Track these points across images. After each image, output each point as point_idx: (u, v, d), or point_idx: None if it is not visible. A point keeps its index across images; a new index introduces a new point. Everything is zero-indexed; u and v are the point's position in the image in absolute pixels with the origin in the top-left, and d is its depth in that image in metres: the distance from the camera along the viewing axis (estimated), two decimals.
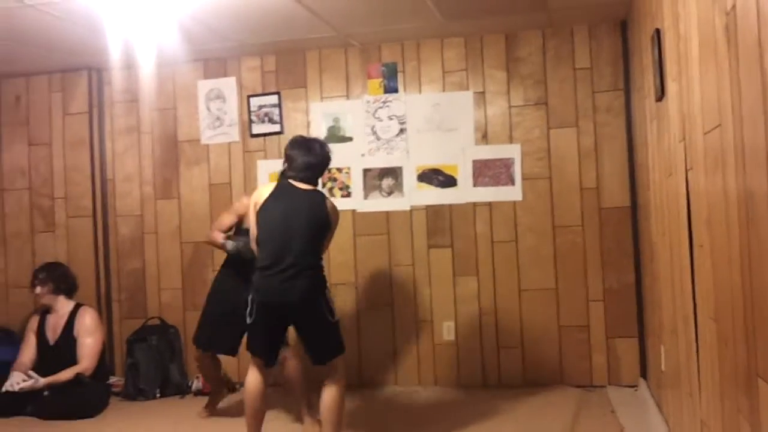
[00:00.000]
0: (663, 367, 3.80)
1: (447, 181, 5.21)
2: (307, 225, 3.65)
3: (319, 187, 3.89)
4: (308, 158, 3.76)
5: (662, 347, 3.82)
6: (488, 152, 5.16)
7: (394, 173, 5.28)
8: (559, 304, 5.06)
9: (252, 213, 3.77)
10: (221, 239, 4.47)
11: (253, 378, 3.73)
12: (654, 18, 3.53)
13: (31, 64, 5.51)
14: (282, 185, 3.76)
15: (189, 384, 5.35)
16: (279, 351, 3.84)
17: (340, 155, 5.25)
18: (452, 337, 5.20)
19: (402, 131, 5.28)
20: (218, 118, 5.57)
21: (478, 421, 4.30)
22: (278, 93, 5.47)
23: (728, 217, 2.13)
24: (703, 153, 2.47)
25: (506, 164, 5.13)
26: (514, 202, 5.12)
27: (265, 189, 3.80)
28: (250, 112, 5.50)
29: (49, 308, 5.16)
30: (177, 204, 5.64)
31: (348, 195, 5.33)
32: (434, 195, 5.22)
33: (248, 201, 3.94)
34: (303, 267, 3.60)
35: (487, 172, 5.15)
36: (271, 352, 3.76)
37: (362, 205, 5.31)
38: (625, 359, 4.95)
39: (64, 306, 5.15)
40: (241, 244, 4.27)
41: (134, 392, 5.24)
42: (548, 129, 5.09)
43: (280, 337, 3.82)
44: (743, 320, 2.01)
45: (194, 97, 5.61)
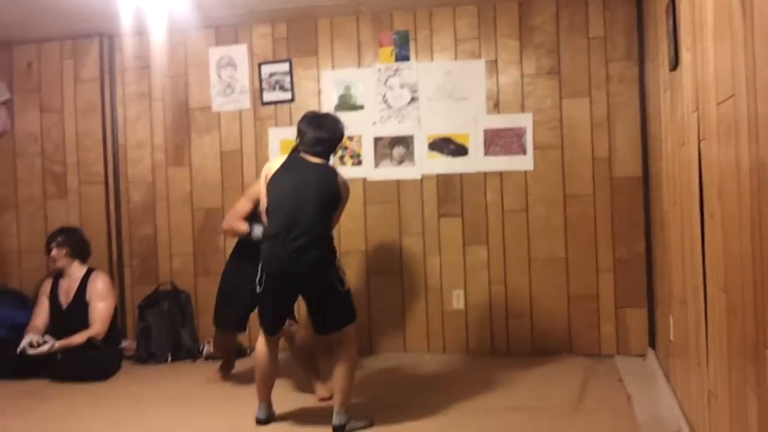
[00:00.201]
0: (672, 337, 3.82)
1: (458, 150, 5.19)
2: (317, 197, 3.65)
3: (331, 162, 3.88)
4: (319, 133, 3.74)
5: (671, 317, 3.84)
6: (500, 121, 5.13)
7: (405, 142, 5.27)
8: (569, 274, 5.07)
9: (263, 184, 3.77)
10: (245, 226, 4.25)
11: (263, 345, 3.79)
12: None
13: (43, 31, 5.50)
14: (293, 158, 3.76)
15: (200, 348, 5.41)
16: (284, 321, 3.85)
17: (351, 124, 5.21)
18: (462, 306, 5.22)
19: (413, 100, 5.26)
20: (229, 86, 5.56)
21: (487, 389, 4.33)
22: (289, 61, 5.45)
23: (740, 188, 2.13)
24: (716, 123, 2.46)
25: (518, 133, 5.11)
26: (525, 172, 5.11)
27: (276, 161, 3.81)
28: (261, 80, 5.49)
29: (62, 272, 5.21)
30: (188, 171, 5.65)
31: (359, 163, 5.33)
32: (445, 164, 5.22)
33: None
34: (313, 237, 3.60)
35: (499, 142, 5.13)
36: (276, 322, 3.79)
37: (373, 174, 5.31)
38: (634, 329, 4.96)
39: (77, 270, 5.20)
40: (266, 230, 4.13)
41: (146, 356, 5.32)
42: (560, 98, 5.06)
43: (288, 308, 3.85)
44: (753, 291, 2.02)
45: (205, 64, 5.59)
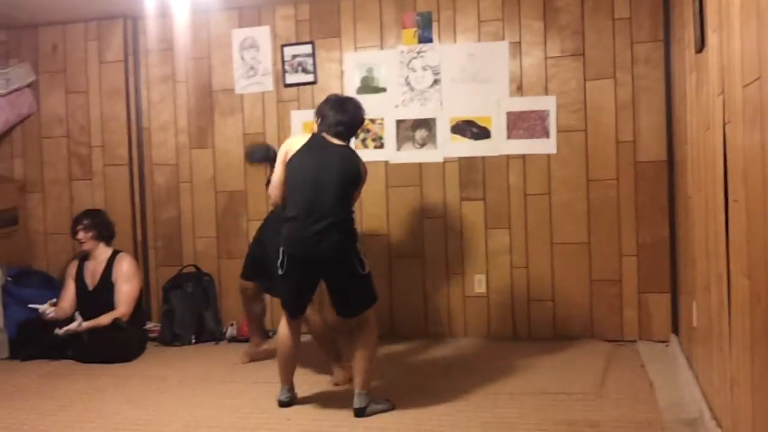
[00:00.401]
0: (695, 323, 3.78)
1: (481, 133, 5.16)
2: (339, 179, 3.64)
3: (351, 145, 3.87)
4: (340, 116, 3.74)
5: (694, 303, 3.80)
6: (523, 104, 5.09)
7: (428, 125, 5.25)
8: (592, 259, 5.03)
9: (281, 160, 3.77)
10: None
11: (285, 327, 3.81)
12: None
13: (68, 13, 5.53)
14: (315, 138, 3.76)
15: (223, 331, 5.46)
16: (306, 304, 3.85)
17: (374, 106, 5.22)
18: (483, 290, 5.21)
19: (436, 82, 5.23)
20: (252, 68, 5.56)
21: (508, 374, 4.32)
22: (312, 42, 5.43)
23: (765, 172, 2.09)
24: (742, 106, 2.42)
25: (541, 116, 5.07)
26: (548, 155, 5.07)
27: (298, 139, 3.80)
28: (284, 62, 5.48)
29: (88, 254, 5.27)
30: (211, 153, 5.67)
31: (381, 146, 5.32)
32: (467, 147, 5.18)
33: None
34: (335, 220, 3.60)
35: (522, 125, 5.09)
36: (298, 305, 3.79)
37: (395, 157, 5.29)
38: (657, 314, 4.92)
39: (103, 252, 5.26)
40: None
41: (170, 338, 5.37)
42: (585, 81, 5.00)
43: (310, 291, 3.83)
44: None
45: (228, 46, 5.60)
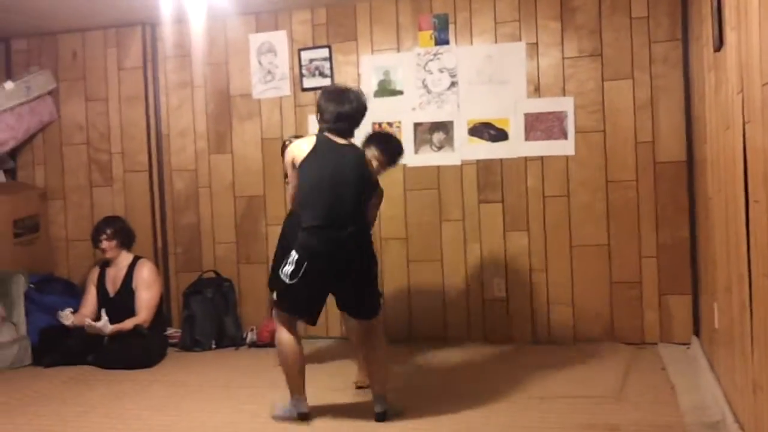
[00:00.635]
0: (716, 325, 3.74)
1: (498, 135, 5.14)
2: (355, 184, 3.60)
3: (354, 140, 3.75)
4: (341, 108, 3.59)
5: (715, 305, 3.76)
6: (540, 105, 5.06)
7: (445, 127, 5.24)
8: (611, 261, 4.99)
9: (291, 167, 3.64)
10: None
11: (287, 337, 3.68)
12: None
13: (87, 20, 5.58)
14: (321, 141, 3.60)
15: (243, 336, 5.46)
16: (321, 310, 3.76)
17: (391, 109, 5.24)
18: (503, 293, 5.18)
19: (453, 84, 5.22)
20: (269, 72, 5.58)
21: (528, 377, 4.29)
22: (329, 46, 5.44)
23: None
24: (761, 105, 2.39)
25: (559, 117, 5.04)
26: (567, 157, 5.04)
27: (302, 143, 3.65)
28: (301, 66, 5.49)
29: (109, 261, 5.30)
30: (230, 159, 5.70)
31: None
32: (485, 149, 5.17)
33: None
34: (357, 227, 3.59)
35: (539, 126, 5.07)
36: (316, 311, 3.71)
37: (413, 160, 5.27)
38: (678, 317, 4.87)
39: (124, 259, 5.28)
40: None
41: (190, 343, 5.39)
42: (602, 81, 4.97)
43: (327, 295, 3.73)
44: None
45: (245, 51, 5.62)
